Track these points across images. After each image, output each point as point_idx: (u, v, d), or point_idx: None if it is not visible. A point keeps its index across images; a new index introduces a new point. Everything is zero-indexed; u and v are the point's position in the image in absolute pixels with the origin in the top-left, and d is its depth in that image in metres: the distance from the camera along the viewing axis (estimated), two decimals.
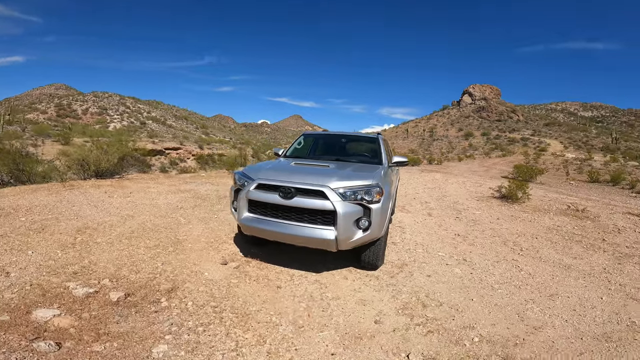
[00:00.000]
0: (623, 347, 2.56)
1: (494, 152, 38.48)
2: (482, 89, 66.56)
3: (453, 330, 2.71)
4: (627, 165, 23.65)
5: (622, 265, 4.62)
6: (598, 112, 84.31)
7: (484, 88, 66.51)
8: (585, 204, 10.30)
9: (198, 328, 2.33)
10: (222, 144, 46.21)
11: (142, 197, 7.18)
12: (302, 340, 2.41)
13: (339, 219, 3.16)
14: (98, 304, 2.49)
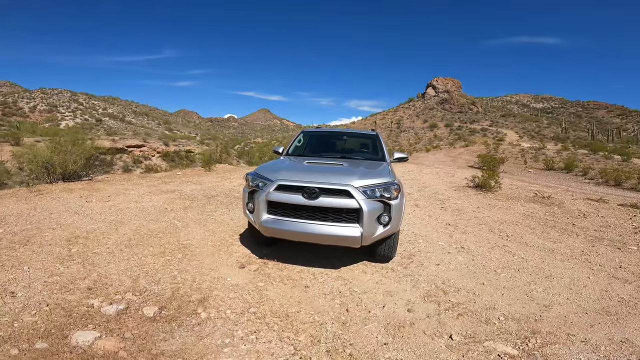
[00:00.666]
0: (622, 319, 2.89)
1: (457, 142, 40.43)
2: (445, 81, 69.70)
3: (479, 312, 2.92)
4: (577, 153, 25.92)
5: (596, 247, 5.13)
6: (548, 103, 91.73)
7: (447, 81, 69.70)
8: (548, 191, 11.23)
9: (250, 337, 2.28)
10: (188, 140, 44.30)
11: (123, 200, 6.77)
12: (352, 335, 2.47)
13: (364, 217, 3.24)
14: (135, 321, 2.35)
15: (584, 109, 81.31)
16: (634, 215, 7.34)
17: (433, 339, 2.49)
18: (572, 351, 2.37)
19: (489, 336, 2.55)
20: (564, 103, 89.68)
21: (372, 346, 2.35)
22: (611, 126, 50.91)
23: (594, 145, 31.33)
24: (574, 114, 78.57)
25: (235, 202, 7.05)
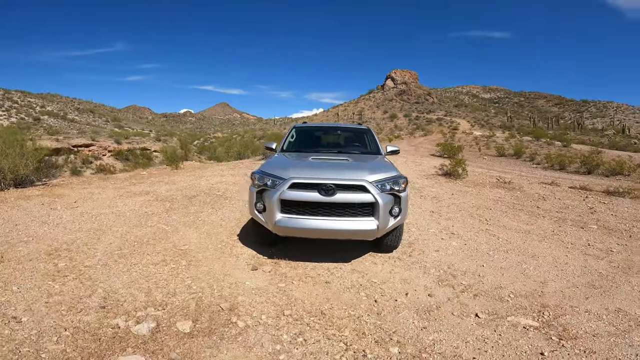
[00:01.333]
0: (608, 291, 3.28)
1: (416, 131, 42.20)
2: (403, 73, 72.34)
3: (491, 292, 3.16)
4: (523, 140, 28.29)
5: (563, 227, 5.71)
6: (495, 94, 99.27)
7: (404, 73, 72.38)
8: (506, 176, 12.20)
9: (298, 339, 2.25)
10: (142, 137, 41.63)
11: (93, 206, 6.23)
12: (390, 324, 2.56)
13: (380, 210, 3.33)
14: (173, 338, 2.19)
15: (526, 98, 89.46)
16: (586, 196, 8.25)
17: (462, 318, 2.67)
18: (582, 320, 2.67)
19: (508, 312, 2.79)
20: (509, 93, 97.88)
21: (414, 331, 2.46)
22: (550, 114, 56.54)
23: (536, 132, 34.38)
24: (517, 103, 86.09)
25: (220, 202, 6.80)
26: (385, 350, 2.24)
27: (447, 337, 2.43)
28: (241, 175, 10.46)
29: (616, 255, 4.30)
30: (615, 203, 7.53)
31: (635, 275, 3.61)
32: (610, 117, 63.17)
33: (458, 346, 2.32)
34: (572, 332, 2.50)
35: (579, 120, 54.31)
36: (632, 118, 64.92)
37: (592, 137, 33.78)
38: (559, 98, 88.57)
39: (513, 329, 2.54)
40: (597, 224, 5.92)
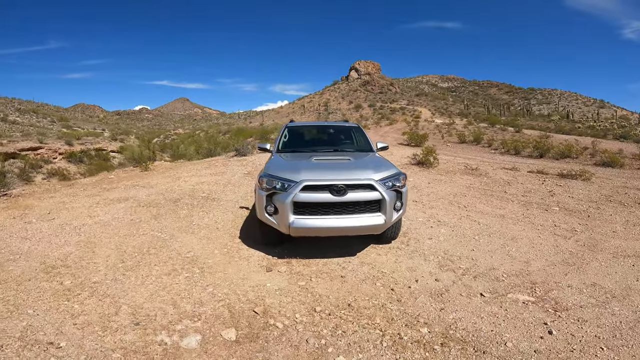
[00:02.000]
0: (581, 268, 3.81)
1: (382, 121, 43.32)
2: (366, 64, 73.59)
3: (487, 273, 3.57)
4: (480, 127, 30.16)
5: (530, 210, 6.35)
6: (452, 83, 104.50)
7: (368, 64, 73.68)
8: (472, 163, 13.05)
9: (337, 332, 2.41)
10: (96, 136, 38.75)
11: (71, 216, 5.89)
12: (413, 308, 2.85)
13: (387, 206, 3.58)
14: (224, 348, 2.25)
15: (479, 87, 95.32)
16: (544, 180, 9.14)
17: (470, 298, 3.01)
18: (567, 294, 3.12)
19: (507, 290, 3.19)
20: (464, 82, 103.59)
21: (435, 313, 2.76)
22: (501, 102, 60.82)
23: (491, 119, 36.72)
24: (472, 92, 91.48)
25: (207, 204, 6.69)
26: (417, 331, 2.51)
27: (464, 315, 2.75)
28: (219, 174, 10.27)
29: (580, 235, 4.93)
30: (570, 185, 8.45)
31: (600, 252, 4.20)
32: (555, 103, 69.57)
33: (476, 322, 2.65)
34: (563, 304, 2.93)
35: (528, 107, 59.18)
36: (574, 104, 71.76)
37: (540, 122, 36.86)
38: (509, 86, 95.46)
39: (515, 304, 2.92)
40: (558, 206, 6.65)
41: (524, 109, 48.18)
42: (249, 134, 36.29)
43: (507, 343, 2.37)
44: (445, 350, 2.31)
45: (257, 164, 12.05)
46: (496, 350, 2.30)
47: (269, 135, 29.83)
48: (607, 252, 4.26)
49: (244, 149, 15.81)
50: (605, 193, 7.68)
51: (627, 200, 7.03)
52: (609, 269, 3.72)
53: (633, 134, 23.47)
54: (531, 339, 2.43)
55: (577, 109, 65.74)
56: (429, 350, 2.31)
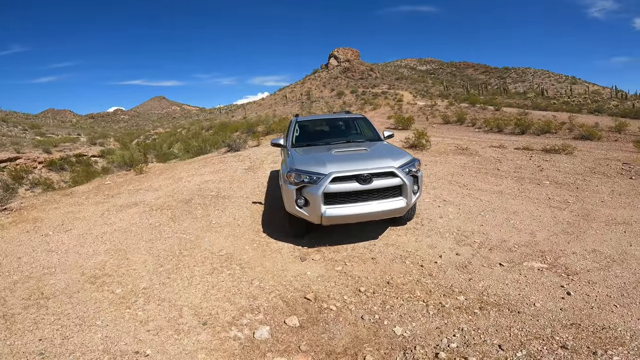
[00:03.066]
0: (580, 236, 4.26)
1: (365, 106, 43.57)
2: (345, 51, 73.29)
3: (500, 245, 3.97)
4: (461, 107, 30.89)
5: (525, 185, 6.83)
6: (430, 65, 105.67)
7: (346, 51, 73.38)
8: (460, 143, 13.56)
9: (386, 307, 2.77)
10: (74, 142, 37.40)
11: (87, 226, 5.95)
12: (445, 280, 3.24)
13: (407, 190, 3.92)
14: (292, 335, 2.54)
15: (457, 68, 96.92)
16: (531, 156, 9.69)
17: (492, 268, 3.41)
18: (574, 260, 3.55)
19: (521, 259, 3.60)
20: (442, 64, 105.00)
21: (465, 282, 3.15)
22: (479, 82, 62.11)
23: (471, 98, 37.56)
24: (450, 73, 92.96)
25: (220, 202, 6.82)
26: (455, 299, 2.88)
27: (491, 283, 3.14)
28: (220, 171, 10.33)
29: (573, 206, 5.42)
30: (555, 160, 9.02)
31: (593, 221, 4.68)
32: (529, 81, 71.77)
33: (503, 288, 3.03)
34: (572, 269, 3.35)
35: (504, 86, 60.81)
36: (547, 81, 74.15)
37: (517, 100, 38.05)
38: (484, 66, 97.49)
39: (532, 271, 3.33)
40: (548, 179, 7.17)
41: (500, 88, 49.64)
42: (235, 128, 35.80)
43: (535, 304, 2.76)
44: (485, 313, 2.67)
45: (254, 158, 12.15)
46: (528, 310, 2.69)
47: (256, 127, 29.62)
48: (600, 220, 4.74)
49: (236, 144, 15.80)
50: (589, 165, 8.27)
51: (609, 171, 7.63)
52: (604, 236, 4.19)
53: (607, 108, 24.69)
54: (555, 300, 2.82)
55: (551, 85, 68.11)
56: (470, 314, 2.67)
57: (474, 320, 2.58)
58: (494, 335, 2.42)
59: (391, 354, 2.32)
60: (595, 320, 2.50)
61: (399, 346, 2.38)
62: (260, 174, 9.39)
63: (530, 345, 2.30)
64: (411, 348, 2.36)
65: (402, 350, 2.34)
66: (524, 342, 2.33)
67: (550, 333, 2.38)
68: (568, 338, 2.32)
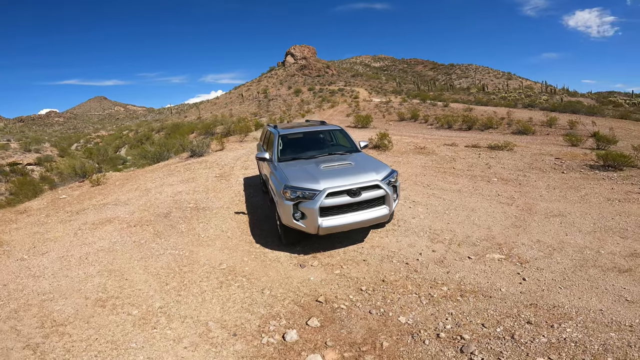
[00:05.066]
0: (526, 229, 5.15)
1: (324, 104, 44.34)
2: (302, 49, 73.50)
3: (465, 240, 4.75)
4: (413, 103, 32.81)
5: (477, 183, 7.82)
6: (383, 62, 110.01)
7: (303, 48, 73.64)
8: (418, 142, 14.69)
9: (387, 300, 3.32)
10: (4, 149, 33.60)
11: (64, 246, 5.77)
12: (429, 275, 3.90)
13: (390, 199, 4.49)
14: (316, 333, 2.92)
15: (407, 65, 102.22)
16: (479, 154, 10.92)
17: (463, 260, 4.12)
18: (524, 250, 4.38)
19: (484, 251, 4.36)
20: (394, 61, 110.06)
21: (445, 275, 3.83)
22: (427, 78, 66.17)
23: (421, 95, 39.96)
24: (402, 70, 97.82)
25: (203, 215, 6.88)
26: (440, 289, 3.52)
27: (465, 274, 3.84)
28: (190, 180, 10.24)
29: (518, 201, 6.43)
30: (500, 156, 10.31)
31: (535, 215, 5.66)
32: (472, 77, 78.15)
33: (474, 277, 3.75)
34: (524, 258, 4.16)
35: (450, 82, 65.49)
36: (487, 77, 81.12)
37: (462, 95, 41.27)
38: (433, 63, 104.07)
39: (494, 262, 4.09)
40: (496, 177, 8.26)
41: (447, 84, 53.54)
42: (190, 129, 34.50)
43: (501, 289, 3.48)
44: (465, 300, 3.33)
45: (223, 165, 12.14)
46: (497, 295, 3.39)
47: (214, 129, 28.85)
48: (540, 214, 5.74)
49: (199, 149, 15.54)
50: (527, 161, 9.61)
51: (544, 166, 8.97)
52: (545, 227, 5.14)
53: (539, 102, 27.84)
54: (515, 285, 3.56)
55: (490, 81, 74.77)
56: (455, 301, 3.31)
57: (459, 306, 3.22)
58: (476, 317, 3.07)
59: (402, 339, 2.86)
60: (547, 301, 3.25)
61: (407, 332, 2.94)
62: (234, 181, 9.51)
63: (504, 322, 2.98)
64: (416, 332, 2.92)
65: (410, 334, 2.90)
66: (499, 320, 3.01)
67: (517, 312, 3.09)
68: (530, 315, 3.03)
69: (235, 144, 18.00)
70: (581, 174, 8.11)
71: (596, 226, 5.06)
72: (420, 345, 2.77)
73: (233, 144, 17.98)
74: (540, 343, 2.68)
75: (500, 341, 2.73)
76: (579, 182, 7.45)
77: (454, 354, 2.66)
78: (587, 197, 6.48)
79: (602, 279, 3.57)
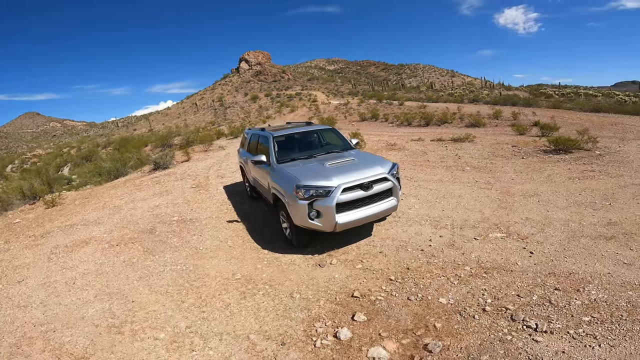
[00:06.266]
0: (513, 209, 5.65)
1: (283, 109, 44.21)
2: (256, 55, 72.54)
3: (466, 224, 5.10)
4: (371, 103, 33.96)
5: (454, 173, 8.36)
6: (338, 65, 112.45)
7: (257, 54, 72.72)
8: (386, 139, 15.29)
9: (419, 286, 3.46)
10: None
11: (42, 273, 5.19)
12: (447, 258, 4.14)
13: (397, 191, 4.68)
14: (365, 327, 3.00)
15: (361, 67, 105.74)
16: (446, 147, 11.65)
17: (471, 242, 4.45)
18: (519, 228, 4.81)
19: (485, 232, 4.72)
20: (348, 64, 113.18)
21: (462, 256, 4.09)
22: (380, 78, 68.91)
23: (377, 95, 41.46)
24: (355, 72, 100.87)
25: (192, 227, 6.54)
26: (463, 269, 3.78)
27: (479, 253, 4.14)
28: (165, 193, 9.69)
29: (495, 185, 7.00)
30: (464, 148, 11.10)
31: (514, 196, 6.21)
32: (420, 76, 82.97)
33: (489, 255, 4.06)
34: (522, 234, 4.58)
35: (401, 81, 68.93)
36: (434, 75, 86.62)
37: (413, 94, 43.57)
38: (384, 64, 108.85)
39: (498, 240, 4.45)
40: (468, 166, 8.90)
41: (399, 84, 56.37)
42: (143, 143, 32.42)
43: (517, 263, 3.81)
44: (490, 276, 3.62)
45: (195, 175, 11.64)
46: (516, 268, 3.72)
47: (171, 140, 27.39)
48: (518, 195, 6.32)
49: (163, 161, 14.78)
50: (489, 150, 10.47)
51: (505, 153, 9.84)
52: (527, 206, 5.67)
53: (481, 97, 30.28)
54: (526, 259, 3.93)
55: (436, 79, 80.00)
56: (481, 278, 3.57)
57: (488, 282, 3.49)
58: (509, 289, 3.36)
59: (451, 318, 3.03)
60: (561, 269, 3.64)
61: (453, 311, 3.12)
62: (214, 191, 9.18)
63: (536, 291, 3.28)
64: (462, 310, 3.13)
65: (457, 313, 3.09)
66: (531, 290, 3.31)
67: (541, 281, 3.43)
68: (555, 283, 3.38)
69: (201, 154, 17.28)
70: (538, 158, 9.04)
71: (569, 202, 5.70)
72: (471, 320, 2.95)
73: (199, 154, 17.24)
74: (577, 305, 3.00)
75: (542, 307, 3.02)
76: (540, 165, 8.30)
77: (507, 323, 2.88)
78: (552, 178, 7.25)
79: (595, 247, 4.07)
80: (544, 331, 2.73)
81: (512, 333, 2.77)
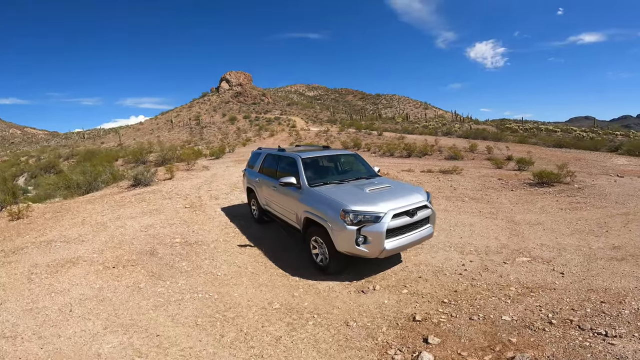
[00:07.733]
0: (524, 236, 5.88)
1: (262, 132, 44.16)
2: (237, 75, 72.59)
3: (488, 250, 5.31)
4: (350, 132, 34.83)
5: (455, 203, 8.63)
6: (317, 92, 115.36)
7: (239, 74, 72.82)
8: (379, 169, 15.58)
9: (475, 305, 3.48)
10: None
11: (24, 296, 4.52)
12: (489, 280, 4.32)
13: (434, 218, 4.80)
14: (441, 350, 2.82)
15: (339, 95, 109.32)
16: (438, 178, 12.07)
17: (503, 266, 4.62)
18: (540, 252, 5.04)
19: (511, 257, 4.97)
20: (327, 91, 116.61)
21: (500, 279, 4.30)
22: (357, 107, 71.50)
23: (355, 124, 42.78)
24: (334, 99, 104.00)
25: (201, 250, 6.08)
26: (510, 290, 3.97)
27: (517, 275, 4.31)
28: (156, 212, 9.09)
29: (499, 215, 7.30)
30: (455, 179, 11.57)
31: (520, 225, 6.51)
32: (395, 107, 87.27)
33: (526, 277, 4.24)
34: (545, 258, 4.82)
35: (378, 111, 72.02)
36: (408, 107, 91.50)
37: (390, 124, 45.44)
38: (362, 93, 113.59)
39: (527, 263, 4.68)
40: (466, 197, 9.25)
41: (376, 113, 58.76)
42: (112, 157, 30.73)
43: (555, 282, 4.03)
44: (537, 294, 3.78)
45: (185, 194, 11.08)
46: (556, 287, 3.94)
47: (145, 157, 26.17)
48: (523, 223, 6.61)
49: (145, 178, 14.03)
50: (479, 182, 10.99)
51: (494, 185, 10.37)
52: (536, 234, 5.96)
53: (454, 130, 32.15)
54: (561, 278, 4.15)
55: (411, 110, 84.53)
56: (530, 296, 3.73)
57: (539, 299, 3.67)
58: (561, 304, 3.55)
59: (523, 332, 3.15)
60: (597, 286, 3.89)
61: (520, 326, 3.23)
62: (212, 212, 8.73)
63: (586, 305, 3.49)
64: (530, 325, 3.25)
65: (526, 327, 3.20)
66: (581, 304, 3.52)
67: (586, 297, 3.66)
68: (599, 297, 3.60)
69: (184, 173, 16.57)
70: (526, 191, 9.61)
71: (571, 230, 6.07)
72: (543, 332, 3.10)
73: (182, 173, 16.53)
74: (627, 314, 3.25)
75: (600, 317, 3.25)
76: (530, 197, 8.81)
77: (578, 332, 3.06)
78: (545, 208, 7.70)
79: (613, 267, 4.41)
80: (614, 336, 2.92)
81: (587, 340, 2.95)
